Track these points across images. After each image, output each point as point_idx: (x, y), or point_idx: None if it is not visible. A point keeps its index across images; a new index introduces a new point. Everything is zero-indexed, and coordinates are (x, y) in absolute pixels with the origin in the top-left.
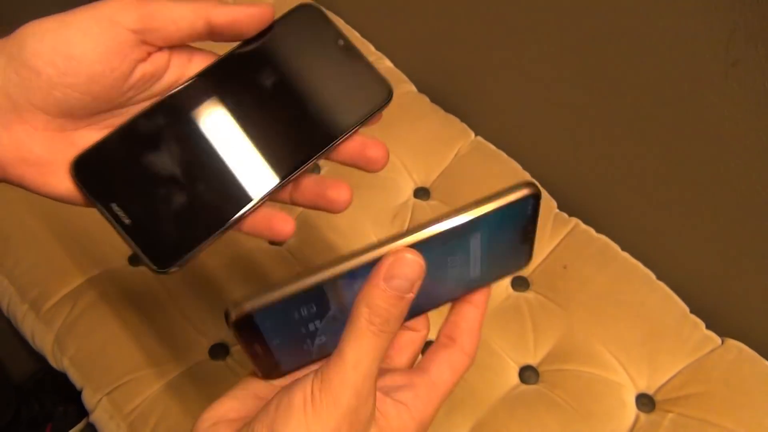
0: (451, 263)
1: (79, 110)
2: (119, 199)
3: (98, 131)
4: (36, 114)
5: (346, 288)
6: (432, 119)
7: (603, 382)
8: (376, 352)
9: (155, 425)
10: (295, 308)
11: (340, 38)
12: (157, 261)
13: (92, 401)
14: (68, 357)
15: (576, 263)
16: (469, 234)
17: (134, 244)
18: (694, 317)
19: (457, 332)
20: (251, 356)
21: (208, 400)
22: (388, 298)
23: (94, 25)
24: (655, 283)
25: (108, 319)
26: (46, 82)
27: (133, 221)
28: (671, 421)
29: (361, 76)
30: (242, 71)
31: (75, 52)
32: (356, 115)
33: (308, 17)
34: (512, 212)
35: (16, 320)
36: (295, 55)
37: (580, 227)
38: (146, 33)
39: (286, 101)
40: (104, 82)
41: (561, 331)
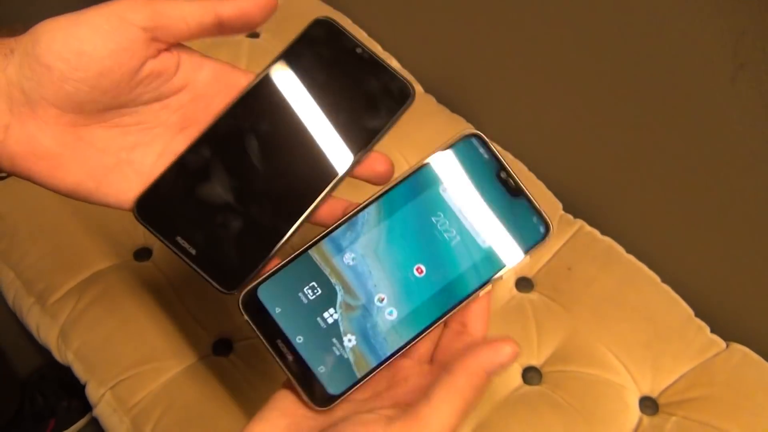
0: (440, 225)
1: (89, 104)
2: (182, 231)
3: (107, 129)
4: (48, 108)
5: (335, 257)
6: (438, 119)
7: (606, 384)
8: (457, 425)
9: (158, 420)
10: (297, 286)
11: (357, 46)
12: (225, 284)
13: (96, 395)
14: (73, 350)
15: (581, 265)
16: (431, 185)
17: (201, 272)
18: (698, 320)
19: (467, 316)
20: (288, 371)
21: (211, 396)
22: (484, 384)
23: (104, 23)
24: (659, 285)
25: (113, 313)
26: (57, 77)
27: (198, 250)
28: (674, 424)
29: (383, 79)
30: (275, 93)
31: (86, 48)
32: (386, 116)
33: (324, 31)
34: (464, 156)
35: (21, 313)
36: (321, 71)
37: (585, 229)
38: (156, 30)
39: (322, 115)
40: (113, 77)
41: (565, 333)
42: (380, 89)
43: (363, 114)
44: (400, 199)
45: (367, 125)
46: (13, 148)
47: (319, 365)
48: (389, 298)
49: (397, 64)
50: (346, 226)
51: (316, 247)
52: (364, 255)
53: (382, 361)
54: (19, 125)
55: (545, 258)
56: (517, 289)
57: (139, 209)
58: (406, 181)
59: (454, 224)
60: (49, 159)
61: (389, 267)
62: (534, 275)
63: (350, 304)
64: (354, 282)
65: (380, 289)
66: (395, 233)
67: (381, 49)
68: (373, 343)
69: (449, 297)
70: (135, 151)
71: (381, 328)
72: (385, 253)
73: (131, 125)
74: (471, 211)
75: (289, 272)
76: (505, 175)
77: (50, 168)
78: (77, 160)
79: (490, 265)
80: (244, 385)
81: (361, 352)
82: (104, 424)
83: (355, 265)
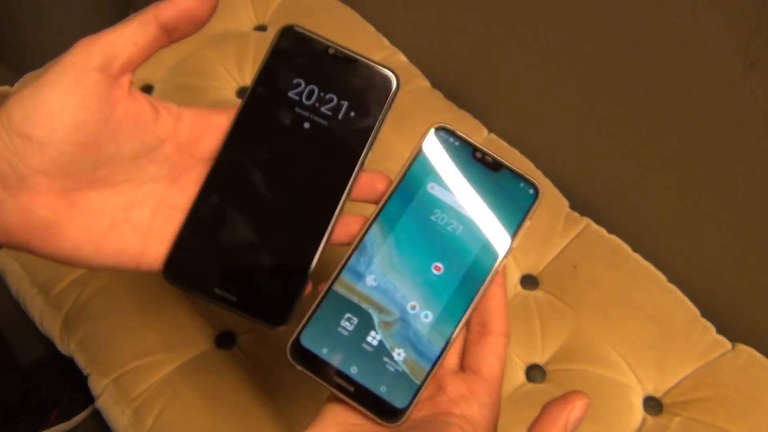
0: (440, 221)
1: (75, 165)
2: (217, 282)
3: (98, 191)
4: (37, 177)
5: (358, 284)
6: (445, 115)
7: (610, 383)
8: None
9: (160, 412)
10: (334, 323)
11: (329, 47)
12: (273, 320)
13: (98, 387)
14: (75, 341)
15: (587, 263)
16: (419, 188)
17: (248, 316)
18: (704, 321)
19: (487, 316)
20: (355, 401)
21: (214, 389)
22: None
23: (63, 78)
24: (666, 285)
25: (117, 304)
26: (37, 144)
27: (238, 296)
28: (678, 424)
29: (364, 75)
30: (262, 119)
31: (55, 108)
32: (376, 111)
33: (292, 40)
34: (437, 150)
35: (25, 303)
36: (300, 82)
37: (592, 227)
38: (112, 65)
39: (313, 128)
40: (90, 128)
41: (569, 331)
42: (363, 85)
43: (354, 114)
44: (395, 211)
45: (361, 125)
46: (8, 222)
47: (380, 386)
48: (420, 303)
49: (404, 59)
50: (357, 252)
51: (337, 281)
52: (383, 273)
53: (435, 361)
54: (12, 199)
55: (551, 256)
56: (521, 286)
57: (169, 273)
58: (395, 193)
59: (453, 216)
60: (45, 228)
61: (409, 275)
62: (539, 273)
63: (387, 321)
64: (383, 300)
65: (409, 298)
66: (403, 243)
67: (388, 43)
68: (421, 348)
69: (473, 282)
70: (130, 210)
71: (422, 333)
72: (401, 264)
73: (121, 183)
74: (463, 198)
75: (323, 313)
76: (480, 154)
77: (47, 237)
78: (73, 226)
79: (498, 241)
80: (247, 379)
81: (413, 361)
82: (106, 416)
83: (378, 284)
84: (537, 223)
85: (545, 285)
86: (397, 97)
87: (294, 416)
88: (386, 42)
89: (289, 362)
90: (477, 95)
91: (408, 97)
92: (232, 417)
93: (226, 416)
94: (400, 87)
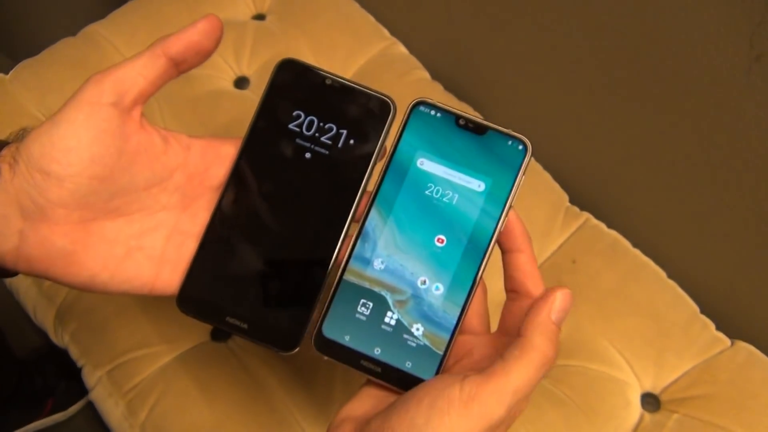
0: (435, 194)
1: (92, 197)
2: (229, 311)
3: (113, 220)
4: (56, 210)
5: (367, 270)
6: None
7: (608, 379)
8: (537, 380)
9: (154, 405)
10: (351, 310)
11: (326, 77)
12: (285, 346)
13: (92, 379)
14: (69, 333)
15: (585, 258)
16: (409, 165)
17: (259, 342)
18: (704, 317)
19: (515, 284)
20: (384, 380)
21: (208, 382)
22: (554, 332)
23: (78, 114)
24: (665, 281)
25: (110, 296)
26: (56, 178)
27: (249, 323)
28: (676, 421)
29: (361, 102)
30: (266, 149)
31: (71, 143)
32: (375, 137)
33: (291, 72)
34: (420, 124)
35: (18, 294)
36: (301, 114)
37: (591, 222)
38: (124, 99)
39: (316, 157)
40: (105, 161)
41: (567, 327)
42: (361, 112)
43: (354, 142)
44: (390, 192)
45: (361, 151)
46: (29, 252)
47: (406, 362)
48: (429, 277)
49: (404, 50)
50: (361, 239)
51: (347, 271)
52: (389, 254)
53: (454, 329)
54: (33, 230)
55: (550, 250)
56: None
57: (182, 304)
58: (386, 174)
59: (446, 187)
60: (63, 258)
61: (414, 252)
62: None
63: (401, 299)
64: (394, 280)
65: (418, 274)
66: (403, 222)
67: (388, 33)
68: (437, 320)
69: (478, 246)
70: (143, 238)
71: (437, 305)
72: (404, 242)
73: (134, 213)
74: (453, 167)
75: (338, 303)
76: (464, 120)
77: (65, 266)
78: (90, 255)
79: (496, 202)
80: (241, 372)
81: (432, 333)
82: (100, 408)
83: (386, 266)
84: (536, 217)
85: (544, 280)
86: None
87: (288, 409)
88: (386, 32)
89: (316, 353)
90: (477, 87)
91: (407, 89)
92: (226, 410)
93: (220, 409)
94: (397, 111)
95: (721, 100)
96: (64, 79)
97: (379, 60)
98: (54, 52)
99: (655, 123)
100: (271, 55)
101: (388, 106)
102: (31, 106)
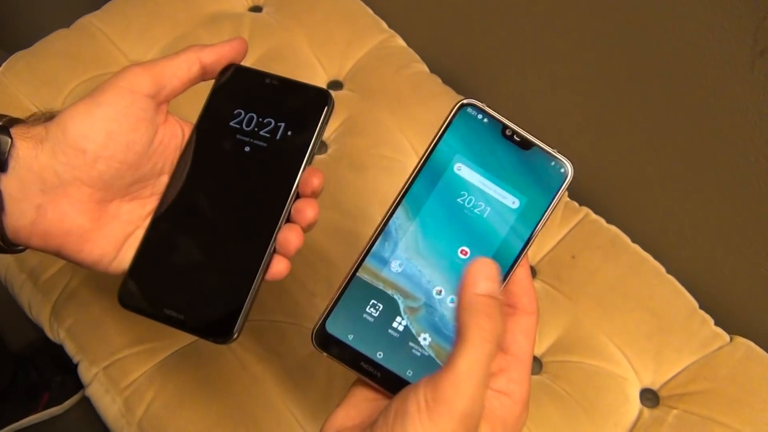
0: (467, 203)
1: (117, 180)
2: (166, 303)
3: (128, 202)
4: (81, 188)
5: (383, 270)
6: (443, 100)
7: (607, 375)
8: (487, 357)
9: (151, 401)
10: (360, 309)
11: (266, 76)
12: (220, 336)
13: (88, 375)
14: (65, 328)
15: (585, 253)
16: (445, 168)
17: (195, 333)
18: (703, 313)
19: (513, 298)
20: (381, 386)
21: (206, 378)
22: (484, 303)
23: (119, 100)
24: (664, 276)
25: (107, 291)
26: (91, 158)
27: (186, 314)
28: (675, 417)
29: (299, 96)
30: (207, 144)
31: (112, 127)
32: (311, 127)
33: (234, 74)
34: (465, 128)
35: (13, 289)
36: (242, 109)
37: (591, 217)
38: (159, 93)
39: (255, 149)
40: (137, 149)
41: (566, 322)
42: (298, 105)
43: (291, 133)
44: (421, 193)
45: (298, 141)
46: (47, 227)
47: (407, 370)
48: (446, 288)
49: (402, 43)
50: (382, 237)
51: (362, 267)
52: (408, 258)
53: None
54: (52, 205)
55: (549, 245)
56: None
57: (123, 299)
58: (420, 173)
59: (480, 197)
60: (80, 234)
61: (435, 260)
62: (537, 263)
63: (413, 306)
64: (409, 285)
65: (435, 282)
66: (429, 227)
67: (386, 26)
68: (447, 333)
69: (501, 266)
70: (148, 219)
71: (449, 317)
72: (426, 248)
73: (148, 197)
74: (491, 178)
75: (347, 299)
76: (510, 131)
77: (80, 242)
78: (104, 234)
79: (527, 222)
80: (238, 368)
81: (439, 345)
82: (96, 404)
83: (403, 270)
84: None
85: (543, 275)
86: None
87: (287, 407)
88: (384, 25)
89: (314, 349)
90: (476, 81)
91: (406, 82)
92: (224, 407)
93: (218, 406)
94: (334, 103)
95: (724, 95)
96: (58, 71)
97: (376, 53)
98: (48, 44)
99: (656, 118)
100: (268, 47)
101: (325, 97)
102: (24, 98)
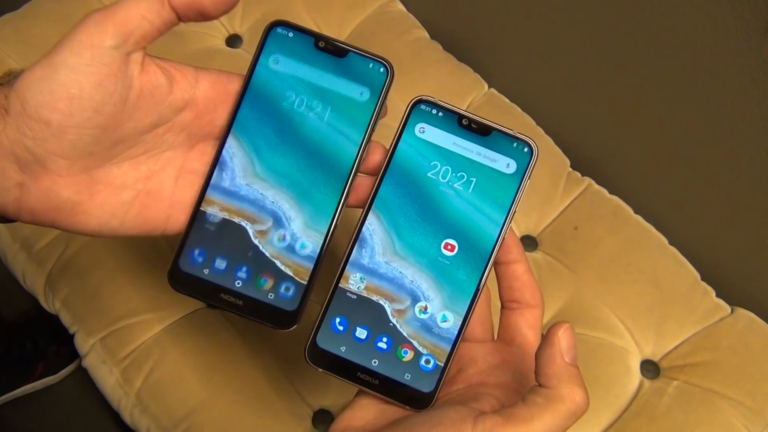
0: (439, 200)
1: (95, 146)
2: (223, 289)
3: (118, 165)
4: (57, 161)
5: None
6: (444, 68)
7: (608, 346)
8: (566, 427)
9: (149, 372)
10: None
11: (320, 40)
12: (284, 323)
13: (85, 346)
14: (60, 299)
15: (587, 225)
16: (412, 168)
17: (257, 319)
18: (704, 284)
19: (516, 294)
20: (381, 393)
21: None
22: (578, 376)
23: (78, 59)
24: (666, 248)
25: (103, 261)
26: (57, 128)
27: (244, 300)
28: (676, 388)
29: (357, 66)
30: (265, 103)
31: (73, 91)
32: (373, 98)
33: (283, 34)
34: (424, 125)
35: (6, 259)
36: (294, 73)
37: (593, 188)
38: (127, 42)
39: (315, 116)
40: (107, 109)
41: (568, 294)
42: (358, 75)
43: (353, 104)
44: (390, 195)
45: (360, 114)
46: (32, 204)
47: (404, 374)
48: (431, 286)
49: (401, 8)
50: (358, 245)
51: (342, 278)
52: (387, 261)
53: (455, 341)
54: (34, 182)
55: (551, 217)
56: None
57: (174, 280)
58: (385, 178)
59: (450, 192)
60: (69, 208)
61: (415, 259)
62: (539, 234)
63: (400, 309)
64: (393, 289)
65: (418, 282)
66: (404, 230)
67: None
68: (438, 332)
69: (480, 254)
70: (151, 181)
71: (438, 315)
72: (404, 249)
73: (140, 155)
74: (458, 172)
75: (334, 312)
76: (467, 120)
77: (72, 215)
78: (97, 203)
79: (500, 208)
80: (237, 340)
81: (433, 344)
82: (93, 375)
83: (385, 273)
84: (537, 183)
85: (545, 246)
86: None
87: (287, 376)
88: None
89: (310, 366)
90: (478, 48)
91: (405, 48)
92: (224, 377)
93: (218, 377)
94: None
95: (732, 70)
96: (47, 35)
97: (376, 18)
98: (36, 7)
99: (661, 90)
100: (264, 12)
101: (386, 67)
102: (12, 63)
